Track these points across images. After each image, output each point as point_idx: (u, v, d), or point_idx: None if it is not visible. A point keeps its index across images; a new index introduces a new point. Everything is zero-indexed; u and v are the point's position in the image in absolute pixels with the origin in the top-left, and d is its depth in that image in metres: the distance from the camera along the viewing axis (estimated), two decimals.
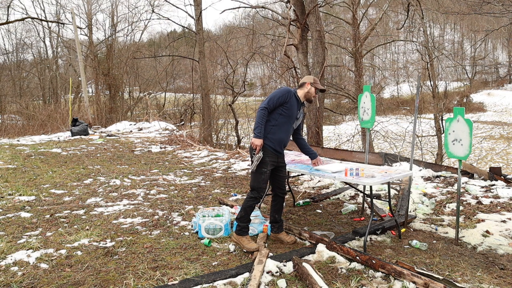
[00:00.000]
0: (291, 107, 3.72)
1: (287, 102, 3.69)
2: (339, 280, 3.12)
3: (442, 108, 15.69)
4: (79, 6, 27.50)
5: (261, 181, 3.72)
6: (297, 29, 9.49)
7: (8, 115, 20.03)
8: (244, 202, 3.81)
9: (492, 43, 45.54)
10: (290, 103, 3.71)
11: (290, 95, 3.72)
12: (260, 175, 3.71)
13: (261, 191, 3.74)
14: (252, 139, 3.66)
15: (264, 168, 3.70)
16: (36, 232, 4.21)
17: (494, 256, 3.58)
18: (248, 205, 3.77)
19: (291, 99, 3.72)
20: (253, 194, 3.75)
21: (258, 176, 3.72)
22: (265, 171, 3.71)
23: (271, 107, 3.66)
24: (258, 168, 3.69)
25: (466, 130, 3.71)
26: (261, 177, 3.71)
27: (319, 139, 9.34)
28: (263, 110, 3.63)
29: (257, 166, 3.68)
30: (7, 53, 26.85)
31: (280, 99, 3.67)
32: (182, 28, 21.31)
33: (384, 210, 4.80)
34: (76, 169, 7.49)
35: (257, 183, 3.73)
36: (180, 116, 17.79)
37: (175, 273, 3.25)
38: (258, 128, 3.63)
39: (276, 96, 3.67)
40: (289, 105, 3.71)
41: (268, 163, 3.71)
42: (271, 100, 3.66)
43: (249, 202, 3.77)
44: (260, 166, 3.68)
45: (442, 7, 14.17)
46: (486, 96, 37.16)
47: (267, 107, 3.64)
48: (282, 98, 3.67)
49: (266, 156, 3.69)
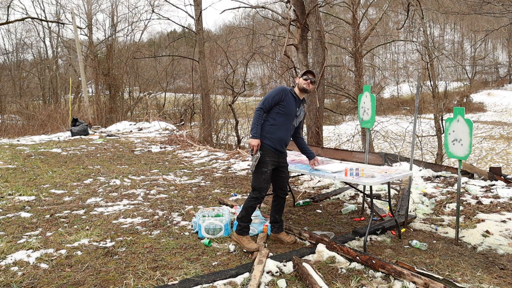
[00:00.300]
0: (288, 105, 3.71)
1: (283, 100, 3.69)
2: (339, 280, 3.12)
3: (442, 108, 15.69)
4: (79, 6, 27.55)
5: (262, 181, 3.71)
6: (297, 29, 9.49)
7: (8, 115, 20.03)
8: (245, 202, 3.81)
9: (492, 43, 45.55)
10: (286, 101, 3.70)
11: (285, 93, 3.72)
12: (260, 175, 3.70)
13: (262, 191, 3.73)
14: (249, 140, 3.67)
15: (264, 168, 3.69)
16: (36, 232, 4.21)
17: (494, 256, 3.58)
18: (249, 205, 3.77)
19: (286, 96, 3.71)
20: (254, 194, 3.74)
21: (258, 176, 3.71)
22: (266, 171, 3.70)
23: (266, 107, 3.67)
24: (258, 168, 3.68)
25: (466, 130, 3.71)
26: (262, 177, 3.70)
27: (319, 139, 9.34)
28: (258, 111, 3.65)
29: (257, 166, 3.67)
30: (7, 53, 26.88)
31: (275, 98, 3.67)
32: (182, 28, 21.33)
33: (384, 210, 4.80)
34: (76, 169, 7.49)
35: (258, 183, 3.72)
36: (180, 116, 17.79)
37: (175, 273, 3.25)
38: (254, 128, 3.64)
39: (271, 96, 3.68)
40: (286, 103, 3.70)
41: (269, 163, 3.71)
42: (266, 100, 3.67)
43: (250, 202, 3.76)
44: (260, 166, 3.68)
45: (442, 7, 14.17)
46: (486, 96, 37.16)
47: (263, 108, 3.66)
48: (277, 97, 3.68)
49: (266, 156, 3.68)
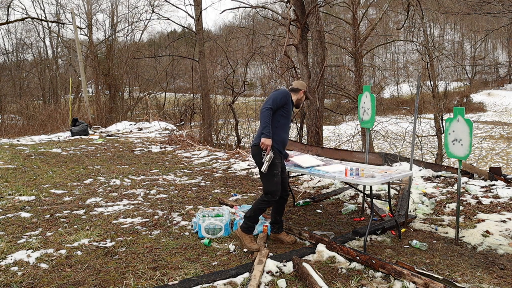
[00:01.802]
0: (289, 108, 3.82)
1: (287, 103, 3.77)
2: (339, 280, 3.12)
3: (442, 108, 15.68)
4: (79, 6, 27.47)
5: (274, 184, 3.68)
6: (297, 29, 9.49)
7: (8, 115, 20.03)
8: (256, 203, 3.78)
9: (492, 43, 45.52)
10: (289, 104, 3.80)
11: (289, 97, 3.80)
12: (272, 177, 3.67)
13: (275, 194, 3.70)
14: (261, 139, 3.60)
15: (276, 170, 3.68)
16: (36, 232, 4.21)
17: (494, 256, 3.58)
18: (260, 207, 3.75)
19: (289, 100, 3.80)
20: (267, 198, 3.71)
21: (270, 178, 3.67)
22: (277, 173, 3.69)
23: (274, 107, 3.68)
24: (269, 170, 3.63)
25: (466, 130, 3.71)
26: (274, 180, 3.68)
27: (319, 139, 9.34)
28: (268, 111, 3.62)
29: (268, 168, 3.61)
30: (7, 53, 26.87)
31: (282, 101, 3.71)
32: (182, 28, 21.31)
33: (384, 210, 4.80)
34: (76, 169, 7.49)
35: (271, 186, 3.68)
36: (180, 116, 17.79)
37: (175, 273, 3.25)
38: (267, 127, 3.59)
39: (279, 98, 3.70)
40: (288, 107, 3.80)
41: (278, 165, 3.72)
42: (274, 101, 3.67)
43: (261, 204, 3.74)
44: (272, 168, 3.64)
45: (442, 7, 14.16)
46: (486, 96, 37.15)
47: (272, 108, 3.66)
48: (284, 99, 3.73)
49: (275, 158, 3.68)
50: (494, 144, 21.40)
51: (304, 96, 4.03)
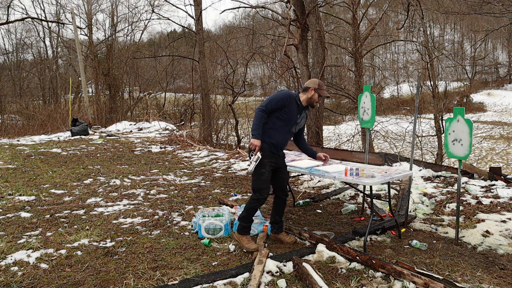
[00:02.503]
0: (290, 111, 3.70)
1: (286, 106, 3.67)
2: (339, 280, 3.12)
3: (442, 108, 15.67)
4: (79, 6, 27.47)
5: (261, 182, 3.69)
6: (297, 29, 9.49)
7: (8, 115, 20.02)
8: (247, 203, 3.80)
9: (492, 43, 45.52)
10: (289, 107, 3.69)
11: (290, 99, 3.68)
12: (259, 176, 3.68)
13: (263, 192, 3.70)
14: (250, 139, 3.64)
15: (263, 169, 3.67)
16: (36, 232, 4.21)
17: (494, 256, 3.58)
18: (251, 206, 3.75)
19: (290, 103, 3.68)
20: (255, 196, 3.72)
21: (258, 177, 3.69)
22: (264, 172, 3.68)
23: (269, 109, 3.64)
24: (257, 169, 3.65)
25: (466, 130, 3.71)
26: (261, 178, 3.68)
27: (319, 139, 9.34)
28: (260, 112, 3.61)
29: (256, 168, 3.64)
30: (7, 53, 26.88)
31: (278, 103, 3.64)
32: (182, 28, 21.32)
33: (384, 210, 4.80)
34: (76, 169, 7.49)
35: (258, 184, 3.70)
36: (180, 116, 17.79)
37: (175, 273, 3.25)
38: (256, 129, 3.60)
39: (275, 100, 3.65)
40: (288, 110, 3.68)
41: (267, 164, 3.69)
42: (269, 103, 3.64)
43: (251, 203, 3.74)
44: (259, 167, 3.65)
45: (442, 7, 14.15)
46: (486, 96, 37.15)
47: (265, 109, 3.62)
48: (281, 102, 3.65)
49: (264, 157, 3.66)
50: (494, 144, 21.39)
51: (316, 93, 3.79)
